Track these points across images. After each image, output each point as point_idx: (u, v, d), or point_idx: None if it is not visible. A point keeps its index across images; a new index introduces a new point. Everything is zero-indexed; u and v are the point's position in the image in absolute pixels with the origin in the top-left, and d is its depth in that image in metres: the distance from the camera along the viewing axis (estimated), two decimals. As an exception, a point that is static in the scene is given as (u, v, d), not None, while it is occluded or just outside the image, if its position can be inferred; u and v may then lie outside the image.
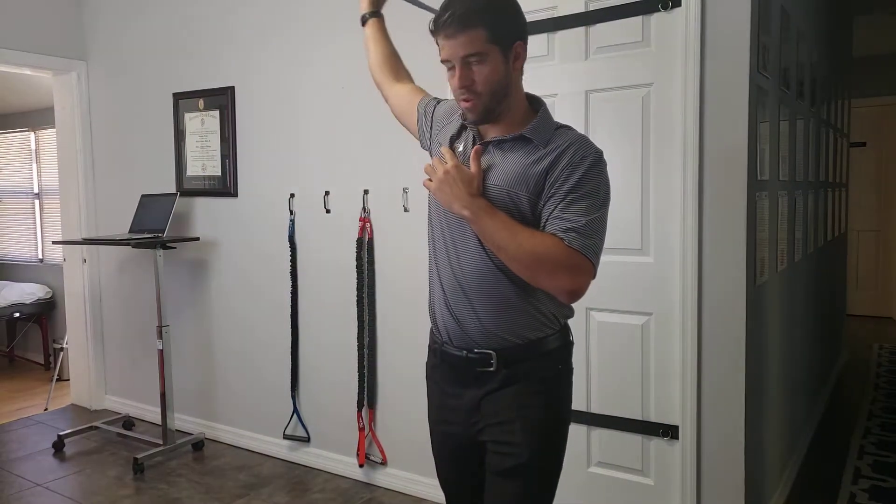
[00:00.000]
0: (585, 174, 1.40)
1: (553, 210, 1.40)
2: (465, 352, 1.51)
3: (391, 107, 1.82)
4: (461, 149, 1.54)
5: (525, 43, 1.47)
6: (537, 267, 1.38)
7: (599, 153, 1.44)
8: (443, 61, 1.45)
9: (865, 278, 6.85)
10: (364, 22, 1.86)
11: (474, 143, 1.51)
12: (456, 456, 1.62)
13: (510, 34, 1.43)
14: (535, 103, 1.53)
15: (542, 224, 1.42)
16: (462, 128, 1.57)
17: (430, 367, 1.65)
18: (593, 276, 1.41)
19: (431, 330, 1.63)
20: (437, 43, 1.46)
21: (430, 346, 1.65)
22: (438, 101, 1.72)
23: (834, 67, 4.31)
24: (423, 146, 1.73)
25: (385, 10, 1.89)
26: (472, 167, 1.44)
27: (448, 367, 1.57)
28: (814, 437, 3.64)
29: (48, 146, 5.68)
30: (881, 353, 5.41)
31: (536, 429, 1.49)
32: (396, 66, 1.82)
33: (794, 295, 3.24)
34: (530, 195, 1.42)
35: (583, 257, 1.36)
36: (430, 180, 1.48)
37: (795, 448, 3.25)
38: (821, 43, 3.81)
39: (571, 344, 1.59)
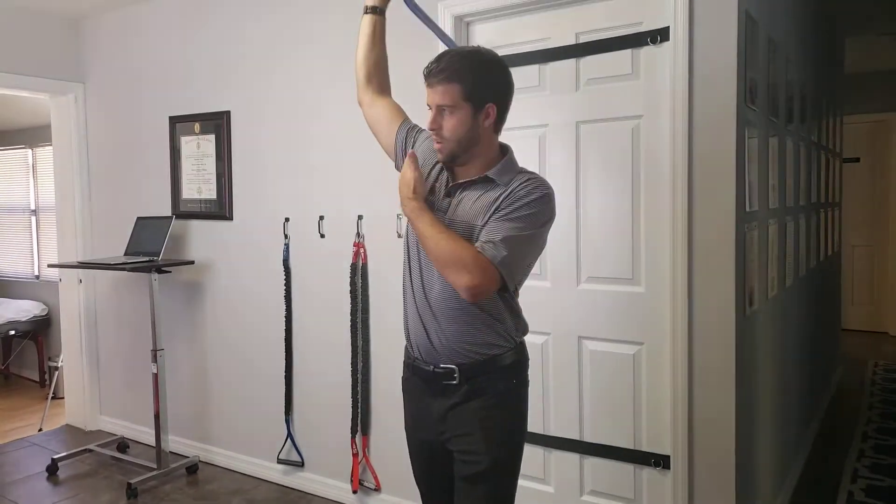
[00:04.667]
0: (523, 205, 1.58)
1: (484, 227, 1.59)
2: (432, 366, 1.70)
3: (367, 114, 1.91)
4: (437, 185, 1.73)
5: (498, 105, 1.64)
6: (447, 263, 1.55)
7: (545, 193, 1.62)
8: (428, 106, 1.65)
9: (860, 293, 6.87)
10: (367, 12, 1.89)
11: (447, 184, 1.70)
12: (428, 459, 1.81)
13: (484, 96, 1.61)
14: (505, 151, 1.71)
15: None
16: (441, 169, 1.74)
17: (405, 379, 1.84)
18: (499, 284, 1.56)
19: (406, 346, 1.80)
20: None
21: (404, 361, 1.82)
22: (418, 130, 1.85)
23: (825, 86, 4.34)
24: (396, 167, 1.86)
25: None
26: (411, 170, 1.63)
27: (419, 380, 1.75)
28: (808, 459, 3.64)
29: (46, 163, 5.70)
30: (876, 371, 5.42)
31: (496, 439, 1.67)
32: (384, 76, 1.91)
33: (787, 320, 3.25)
34: (483, 225, 1.60)
35: (489, 263, 1.53)
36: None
37: (788, 475, 3.26)
38: (811, 63, 3.84)
39: (526, 360, 1.78)
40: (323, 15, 3.18)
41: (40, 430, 4.40)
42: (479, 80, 1.60)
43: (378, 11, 1.89)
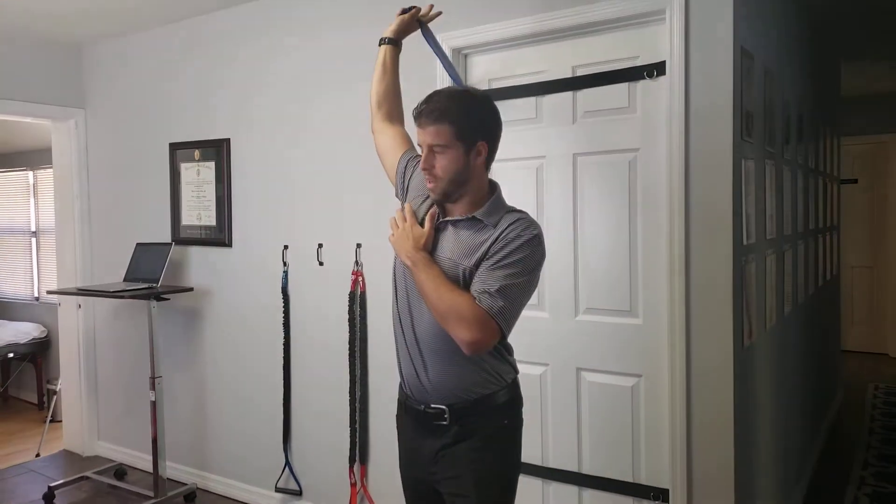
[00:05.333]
0: (515, 249, 1.60)
1: (478, 273, 1.61)
2: (423, 406, 1.71)
3: (376, 141, 1.99)
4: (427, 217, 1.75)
5: (489, 143, 1.67)
6: (447, 316, 1.57)
7: (534, 235, 1.64)
8: (418, 144, 1.69)
9: (860, 314, 6.86)
10: (382, 43, 2.02)
11: (436, 219, 1.73)
12: (420, 497, 1.82)
13: (474, 134, 1.64)
14: (493, 188, 1.74)
15: (472, 283, 1.61)
16: (431, 204, 1.76)
17: (398, 416, 1.86)
18: (499, 336, 1.59)
19: (400, 383, 1.81)
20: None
21: (398, 398, 1.84)
22: (417, 161, 1.84)
23: (822, 109, 4.35)
24: (396, 195, 1.93)
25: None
26: (426, 226, 1.67)
27: (411, 419, 1.77)
28: (808, 489, 3.62)
29: (46, 185, 5.72)
30: (876, 395, 5.40)
31: (486, 480, 1.68)
32: (394, 104, 2.00)
33: (786, 348, 3.25)
34: (472, 267, 1.62)
35: (487, 316, 1.55)
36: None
37: None
38: (808, 87, 3.86)
39: (520, 399, 1.78)
40: (322, 43, 3.21)
41: (38, 455, 4.38)
42: (469, 119, 1.63)
43: (392, 42, 2.00)
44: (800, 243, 3.53)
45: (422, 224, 1.71)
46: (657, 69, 2.37)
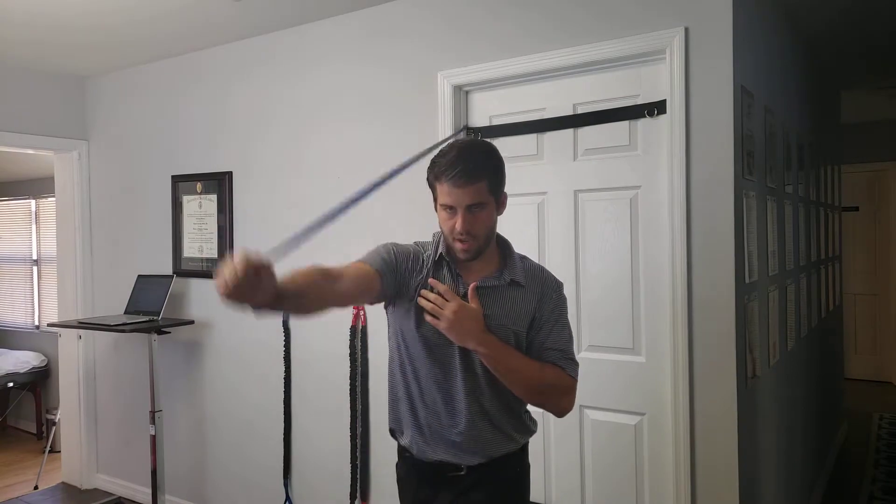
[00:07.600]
0: (560, 303, 1.69)
1: (546, 338, 1.64)
2: (440, 460, 1.67)
3: (342, 296, 1.62)
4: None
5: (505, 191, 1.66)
6: (548, 392, 1.62)
7: (562, 283, 1.74)
8: (446, 206, 1.58)
9: (863, 342, 6.82)
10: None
11: (454, 281, 1.64)
12: None
13: (502, 186, 1.63)
14: (503, 242, 1.72)
15: (537, 348, 1.63)
16: (436, 268, 1.66)
17: (403, 472, 1.78)
18: None
19: (404, 440, 1.74)
20: (432, 187, 1.60)
21: (400, 453, 1.77)
22: (389, 251, 1.70)
23: (822, 139, 4.37)
24: (387, 307, 1.72)
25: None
26: (474, 304, 1.57)
27: (421, 473, 1.71)
28: (814, 522, 3.58)
29: (48, 213, 5.74)
30: (881, 425, 5.35)
31: None
32: (324, 270, 1.61)
33: (789, 383, 3.22)
34: (524, 331, 1.65)
35: (574, 381, 1.65)
36: (434, 316, 1.56)
37: (795, 538, 3.20)
38: (808, 116, 3.87)
39: (527, 444, 1.78)
40: (323, 78, 3.23)
41: (36, 487, 4.34)
42: (497, 172, 1.61)
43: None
44: (802, 277, 3.52)
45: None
46: (658, 108, 2.39)
